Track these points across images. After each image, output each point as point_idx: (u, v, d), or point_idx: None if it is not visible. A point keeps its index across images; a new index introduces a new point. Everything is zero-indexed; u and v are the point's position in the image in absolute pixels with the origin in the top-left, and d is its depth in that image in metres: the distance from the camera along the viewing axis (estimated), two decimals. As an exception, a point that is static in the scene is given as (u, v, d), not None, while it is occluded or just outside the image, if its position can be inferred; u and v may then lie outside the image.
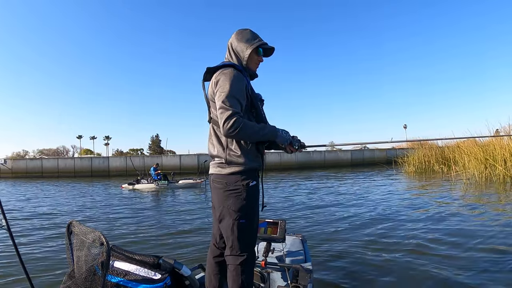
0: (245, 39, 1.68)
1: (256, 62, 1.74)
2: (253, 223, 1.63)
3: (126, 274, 1.23)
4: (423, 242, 4.01)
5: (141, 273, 1.27)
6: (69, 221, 1.27)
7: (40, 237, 4.77)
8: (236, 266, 1.57)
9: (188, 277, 1.48)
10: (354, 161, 31.80)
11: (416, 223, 5.14)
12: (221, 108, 1.47)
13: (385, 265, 3.31)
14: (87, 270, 1.10)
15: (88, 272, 1.10)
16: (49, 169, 32.45)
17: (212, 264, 1.78)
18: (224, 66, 1.63)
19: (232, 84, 1.51)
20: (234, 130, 1.43)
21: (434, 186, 10.32)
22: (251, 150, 1.61)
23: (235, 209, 1.55)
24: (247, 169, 1.58)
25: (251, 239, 1.64)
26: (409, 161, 17.51)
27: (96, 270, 1.11)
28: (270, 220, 2.43)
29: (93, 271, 1.11)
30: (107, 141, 72.06)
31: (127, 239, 4.67)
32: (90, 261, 1.12)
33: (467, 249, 3.69)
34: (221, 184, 1.60)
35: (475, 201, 7.00)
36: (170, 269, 1.36)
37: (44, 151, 70.38)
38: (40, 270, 3.19)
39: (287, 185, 13.56)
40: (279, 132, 1.63)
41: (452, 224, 4.92)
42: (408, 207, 6.77)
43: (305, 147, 1.75)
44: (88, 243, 1.13)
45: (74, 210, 8.02)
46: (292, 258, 2.53)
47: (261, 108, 1.74)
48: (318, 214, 6.34)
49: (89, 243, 1.12)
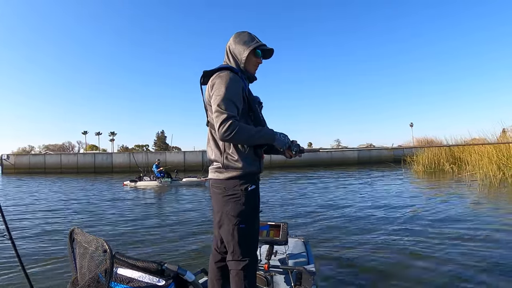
0: (243, 41, 1.66)
1: (254, 64, 1.71)
2: (254, 228, 1.62)
3: (130, 281, 1.22)
4: (431, 246, 3.94)
5: (145, 279, 1.25)
6: (71, 229, 1.25)
7: (40, 243, 4.62)
8: (238, 271, 1.56)
9: (192, 282, 1.47)
10: (361, 160, 31.75)
11: (426, 226, 4.99)
12: (217, 111, 1.45)
13: (389, 268, 3.30)
14: (91, 278, 1.09)
15: (92, 280, 1.09)
16: (52, 165, 32.64)
17: (214, 269, 1.78)
18: (221, 69, 1.60)
19: (228, 87, 1.49)
20: (230, 133, 1.40)
21: (445, 187, 10.01)
22: (248, 154, 1.58)
23: (235, 214, 1.54)
24: (245, 173, 1.56)
25: (252, 244, 1.62)
26: (418, 160, 17.00)
27: (100, 277, 1.10)
28: (272, 223, 2.42)
29: (96, 278, 1.10)
30: (113, 137, 72.50)
31: (129, 242, 4.59)
32: (94, 268, 1.11)
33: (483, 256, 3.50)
34: (219, 189, 1.58)
35: (495, 204, 6.65)
36: (174, 275, 1.35)
37: (50, 147, 70.92)
38: (42, 278, 3.14)
39: (290, 185, 13.56)
40: (277, 136, 1.60)
41: (466, 227, 4.74)
42: (419, 208, 6.65)
43: (303, 152, 1.72)
44: (91, 250, 1.12)
45: (72, 210, 7.83)
46: (295, 261, 2.52)
47: (259, 111, 1.71)
48: (321, 215, 6.32)
49: (92, 250, 1.11)
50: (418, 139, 22.12)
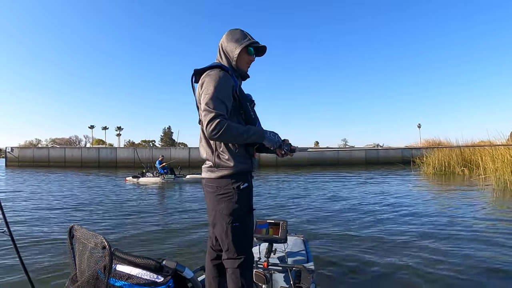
0: (235, 39, 1.65)
1: (247, 62, 1.71)
2: (247, 226, 1.63)
3: (129, 278, 1.23)
4: (435, 248, 3.91)
5: (143, 276, 1.26)
6: (71, 226, 1.27)
7: (39, 239, 4.56)
8: (234, 270, 1.57)
9: (191, 279, 1.48)
10: (369, 160, 31.46)
11: (432, 228, 4.90)
12: (205, 110, 1.45)
13: (389, 266, 3.31)
14: (90, 275, 1.10)
15: (91, 276, 1.10)
16: (56, 158, 32.86)
17: (211, 267, 1.79)
18: (211, 67, 1.60)
19: (217, 85, 1.49)
20: (217, 132, 1.40)
21: (456, 190, 9.67)
22: (239, 152, 1.59)
23: (228, 213, 1.54)
24: (237, 171, 1.56)
25: (247, 241, 1.63)
26: (427, 161, 16.55)
27: (99, 274, 1.12)
28: (272, 221, 2.43)
29: (95, 275, 1.11)
30: (119, 131, 72.80)
31: (128, 239, 4.58)
32: (93, 265, 1.12)
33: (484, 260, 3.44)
34: (212, 188, 1.59)
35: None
36: (173, 272, 1.36)
37: (57, 140, 71.44)
38: (42, 274, 3.14)
39: (291, 183, 13.54)
40: (267, 134, 1.60)
41: (481, 233, 4.54)
42: (424, 209, 6.62)
43: (294, 151, 1.71)
44: (90, 247, 1.13)
45: (72, 206, 7.72)
46: (294, 259, 2.53)
47: (251, 109, 1.70)
48: (321, 214, 6.33)
49: (91, 247, 1.12)
50: (427, 140, 21.88)
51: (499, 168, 10.10)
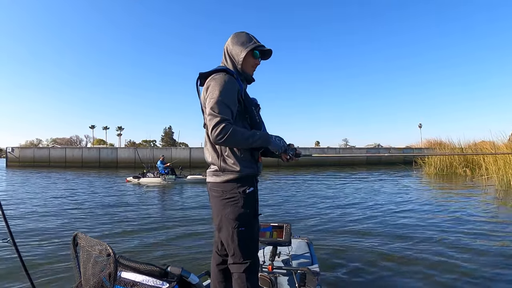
0: (240, 42, 1.63)
1: (252, 65, 1.69)
2: (253, 230, 1.61)
3: (134, 285, 1.21)
4: (439, 250, 3.88)
5: (149, 282, 1.25)
6: (75, 233, 1.25)
7: (42, 247, 4.38)
8: (240, 274, 1.55)
9: (196, 285, 1.46)
10: (370, 160, 31.28)
11: (436, 230, 4.87)
12: (210, 114, 1.43)
13: (394, 268, 3.29)
14: (95, 282, 1.09)
15: (96, 284, 1.08)
16: (57, 158, 32.85)
17: (216, 272, 1.77)
18: (216, 71, 1.58)
19: (222, 90, 1.47)
20: (222, 137, 1.39)
21: (459, 191, 9.56)
22: (245, 156, 1.57)
23: (233, 218, 1.53)
24: (243, 176, 1.54)
25: (253, 246, 1.62)
26: (429, 162, 16.50)
27: (104, 281, 1.10)
28: (275, 224, 2.41)
29: (101, 282, 1.09)
30: (120, 131, 72.86)
31: (132, 245, 4.45)
32: (98, 272, 1.10)
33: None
34: (217, 192, 1.57)
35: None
36: (178, 278, 1.34)
37: (58, 140, 71.60)
38: (46, 283, 3.07)
39: (295, 185, 13.53)
40: (272, 139, 1.58)
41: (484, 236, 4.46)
42: (429, 210, 6.59)
43: (300, 156, 1.69)
44: (94, 254, 1.11)
45: (73, 209, 7.51)
46: (298, 261, 2.51)
47: (256, 113, 1.69)
48: (325, 216, 6.29)
49: (95, 254, 1.10)
50: (429, 140, 21.89)
51: (501, 168, 10.06)
